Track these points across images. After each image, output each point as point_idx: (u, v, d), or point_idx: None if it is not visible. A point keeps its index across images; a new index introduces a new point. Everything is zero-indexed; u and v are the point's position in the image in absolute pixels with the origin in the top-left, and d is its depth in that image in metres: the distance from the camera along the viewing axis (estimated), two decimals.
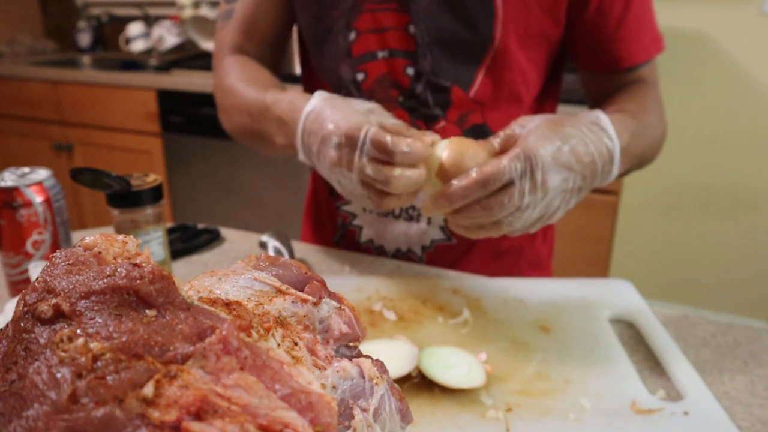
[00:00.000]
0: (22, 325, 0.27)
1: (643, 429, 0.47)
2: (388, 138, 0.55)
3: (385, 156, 0.55)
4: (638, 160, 0.66)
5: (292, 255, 0.76)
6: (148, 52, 2.59)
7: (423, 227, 0.79)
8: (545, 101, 0.79)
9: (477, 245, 0.81)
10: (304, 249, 0.83)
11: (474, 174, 0.53)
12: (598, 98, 0.78)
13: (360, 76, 0.74)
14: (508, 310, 0.65)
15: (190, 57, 2.43)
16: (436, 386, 0.52)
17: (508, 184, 0.53)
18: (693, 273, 2.16)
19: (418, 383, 0.52)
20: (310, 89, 0.84)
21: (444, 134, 0.73)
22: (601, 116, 0.59)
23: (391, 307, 0.65)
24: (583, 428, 0.47)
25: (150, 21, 2.63)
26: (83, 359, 0.25)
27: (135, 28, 2.58)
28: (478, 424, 0.48)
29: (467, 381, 0.51)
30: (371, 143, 0.55)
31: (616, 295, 0.68)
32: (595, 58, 0.73)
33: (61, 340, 0.26)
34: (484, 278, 0.73)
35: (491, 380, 0.53)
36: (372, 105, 0.61)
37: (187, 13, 2.29)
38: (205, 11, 2.25)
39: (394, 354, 0.54)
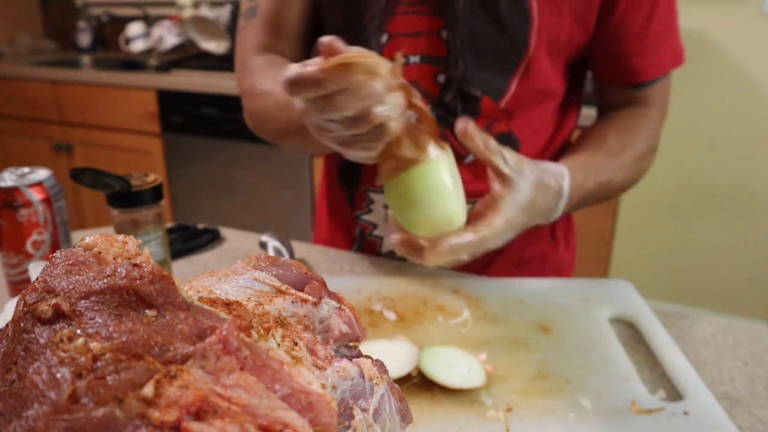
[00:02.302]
0: (22, 325, 0.27)
1: (643, 429, 0.47)
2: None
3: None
4: (594, 201, 0.71)
5: (292, 255, 0.76)
6: (148, 52, 2.59)
7: None
8: (568, 107, 0.78)
9: (501, 255, 0.80)
10: (304, 249, 0.83)
11: (472, 237, 0.54)
12: (605, 108, 0.77)
13: None
14: (508, 310, 0.65)
15: (190, 57, 2.43)
16: (436, 386, 0.52)
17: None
18: (693, 273, 2.16)
19: (418, 383, 0.52)
20: None
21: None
22: (565, 188, 0.62)
23: (391, 307, 0.65)
24: (583, 428, 0.47)
25: (150, 21, 2.63)
26: (83, 359, 0.25)
27: (135, 28, 2.58)
28: (478, 424, 0.48)
29: (467, 381, 0.51)
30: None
31: (616, 295, 0.68)
32: (613, 69, 0.72)
33: (61, 340, 0.26)
34: (484, 278, 0.73)
35: (491, 380, 0.53)
36: None
37: (187, 13, 2.29)
38: (205, 11, 2.25)
39: (394, 354, 0.54)
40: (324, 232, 0.91)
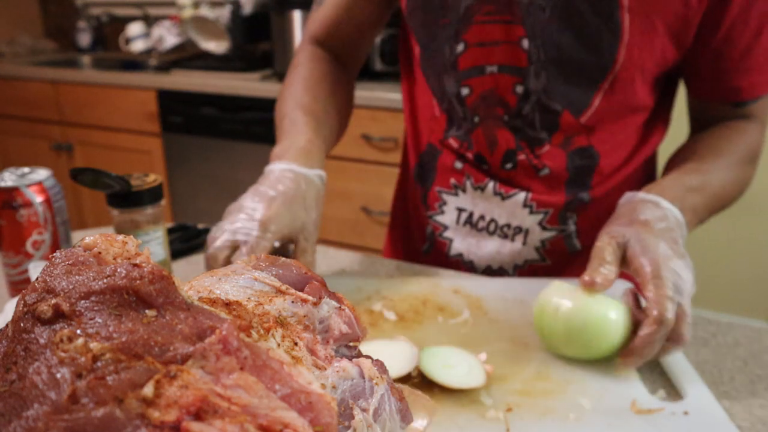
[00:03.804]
0: (22, 325, 0.27)
1: (643, 429, 0.47)
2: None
3: None
4: (713, 213, 0.69)
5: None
6: (148, 52, 2.59)
7: (518, 247, 0.76)
8: (656, 121, 0.75)
9: (571, 266, 0.78)
10: None
11: (652, 324, 0.51)
12: (701, 124, 0.74)
13: (465, 91, 0.71)
14: (508, 310, 0.65)
15: (190, 57, 2.43)
16: (436, 386, 0.52)
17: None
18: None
19: (418, 383, 0.52)
20: (412, 93, 0.83)
21: (549, 159, 0.71)
22: (682, 223, 0.61)
23: (391, 307, 0.65)
24: (583, 428, 0.47)
25: (150, 21, 2.63)
26: (83, 359, 0.25)
27: (135, 28, 2.58)
28: (478, 424, 0.48)
29: (467, 381, 0.51)
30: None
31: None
32: (713, 87, 0.69)
33: (61, 341, 0.26)
34: (484, 278, 0.73)
35: (491, 380, 0.53)
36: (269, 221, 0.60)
37: (187, 13, 2.29)
38: (205, 11, 2.25)
39: (394, 354, 0.54)
40: (396, 233, 0.91)
